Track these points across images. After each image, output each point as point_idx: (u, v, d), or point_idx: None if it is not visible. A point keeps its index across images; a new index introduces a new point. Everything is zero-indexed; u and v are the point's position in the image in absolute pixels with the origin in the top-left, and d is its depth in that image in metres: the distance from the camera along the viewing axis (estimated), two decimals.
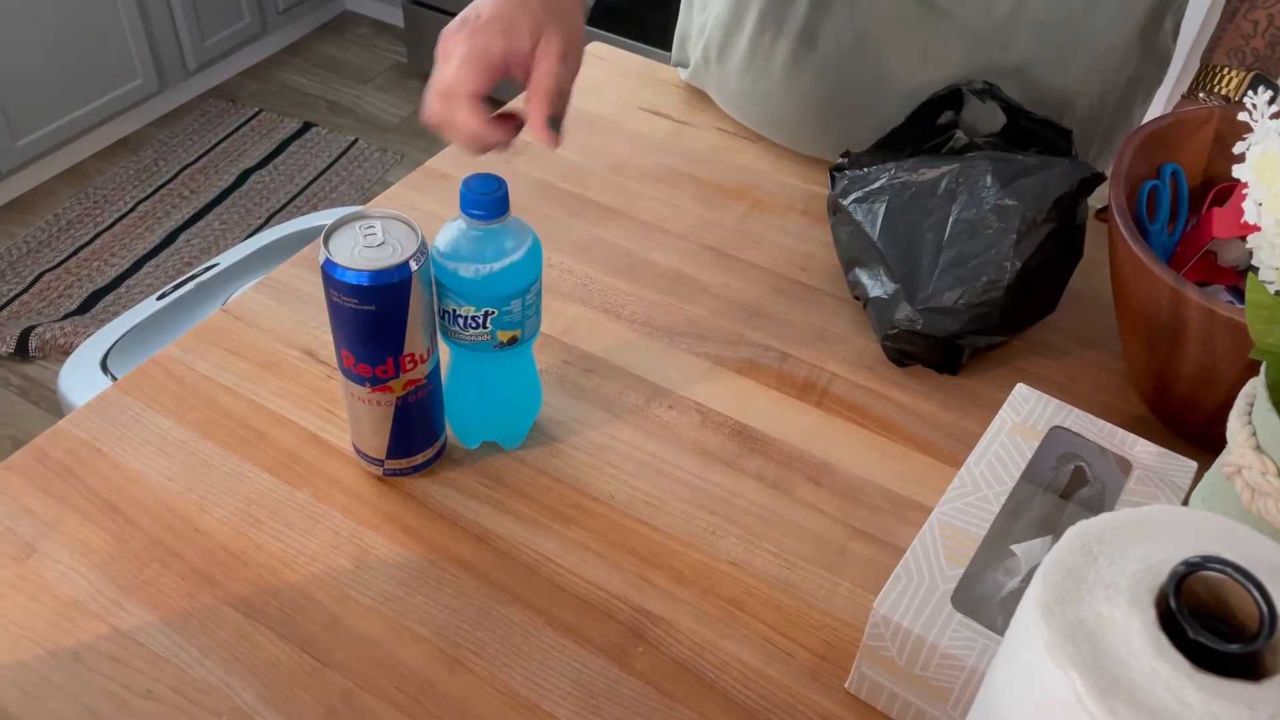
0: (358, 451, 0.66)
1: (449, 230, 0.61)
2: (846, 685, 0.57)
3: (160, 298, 1.03)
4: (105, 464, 0.66)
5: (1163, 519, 0.35)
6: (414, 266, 0.57)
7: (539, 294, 0.63)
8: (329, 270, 0.56)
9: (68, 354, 1.87)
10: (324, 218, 1.18)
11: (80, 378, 0.94)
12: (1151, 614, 0.31)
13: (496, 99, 0.65)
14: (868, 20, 0.83)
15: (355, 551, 0.63)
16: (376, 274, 0.56)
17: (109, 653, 0.57)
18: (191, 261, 2.12)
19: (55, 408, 1.81)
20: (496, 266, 0.59)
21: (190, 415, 0.69)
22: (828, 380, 0.75)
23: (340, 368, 0.61)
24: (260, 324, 0.76)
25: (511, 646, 0.58)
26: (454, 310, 0.61)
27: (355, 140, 2.45)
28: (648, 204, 0.90)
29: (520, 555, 0.63)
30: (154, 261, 2.11)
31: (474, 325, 0.61)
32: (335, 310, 0.58)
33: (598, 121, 0.99)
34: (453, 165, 0.93)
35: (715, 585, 0.62)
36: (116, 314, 1.98)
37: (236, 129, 2.47)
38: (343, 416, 0.70)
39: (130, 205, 2.24)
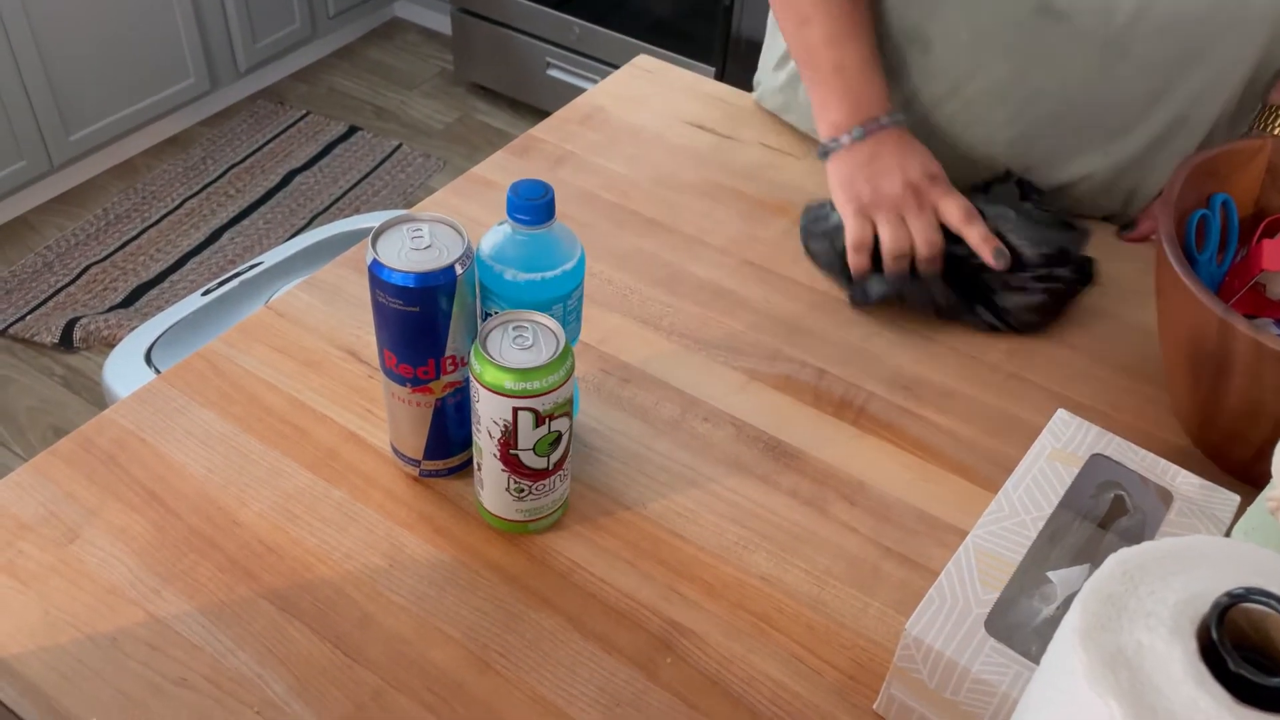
0: (395, 451, 0.67)
1: (494, 235, 0.61)
2: (875, 706, 0.57)
3: (205, 293, 1.04)
4: (148, 454, 0.67)
5: (1205, 550, 0.34)
6: (459, 270, 0.57)
7: (580, 301, 0.64)
8: (375, 270, 0.57)
9: (111, 346, 1.91)
10: (368, 220, 1.19)
11: (125, 369, 0.95)
12: (1193, 645, 0.31)
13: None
14: (986, 20, 0.82)
15: (389, 550, 0.63)
16: (422, 276, 0.56)
17: (145, 639, 0.58)
18: (235, 259, 2.14)
19: (97, 398, 1.84)
20: (540, 272, 0.60)
21: (233, 409, 0.70)
22: (865, 399, 0.75)
23: (382, 367, 0.62)
24: (305, 322, 0.77)
25: (540, 651, 0.59)
26: (494, 314, 0.61)
27: (399, 145, 2.47)
28: (690, 217, 0.90)
29: (552, 561, 0.63)
30: (198, 258, 2.14)
31: None
32: (380, 310, 0.59)
33: (642, 134, 0.99)
34: (498, 172, 0.93)
35: (745, 600, 0.62)
36: (160, 308, 2.02)
37: (283, 130, 2.50)
38: (382, 416, 0.71)
39: (177, 202, 2.28)
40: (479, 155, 2.44)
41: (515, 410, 0.56)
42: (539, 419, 0.57)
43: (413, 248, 0.58)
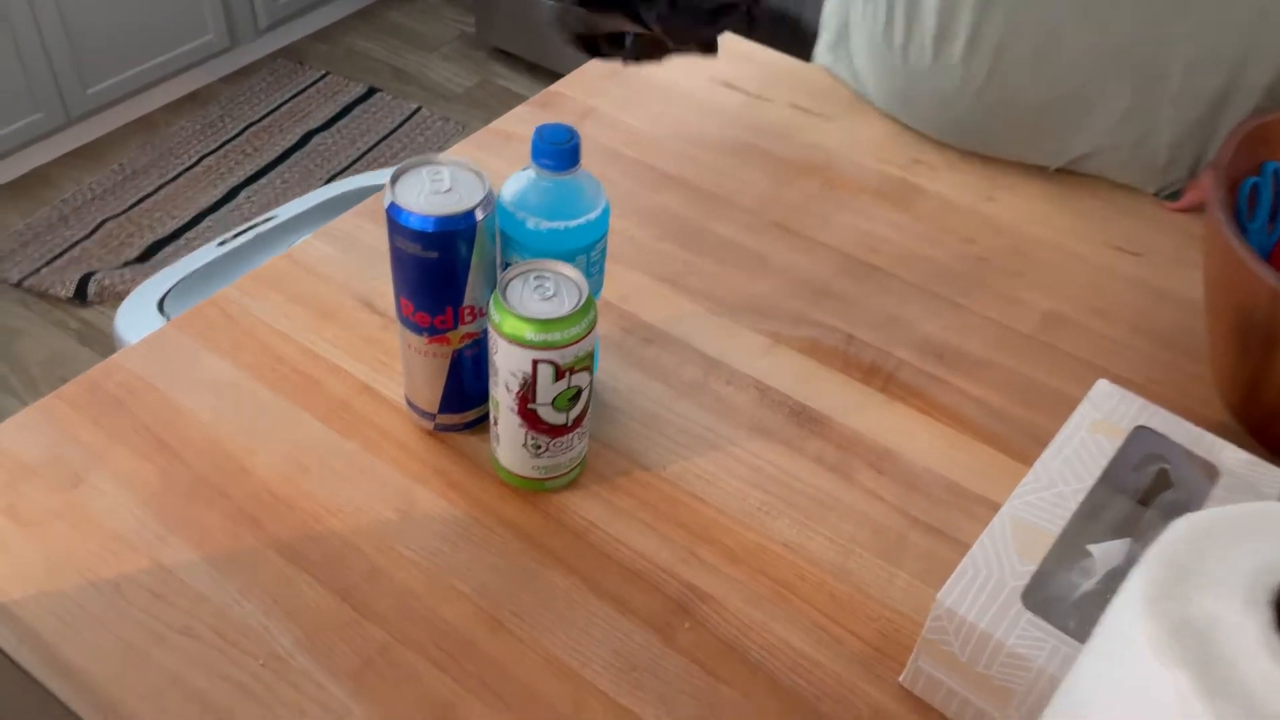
0: (409, 404, 0.65)
1: (517, 181, 0.59)
2: (900, 679, 0.55)
3: (221, 244, 1.02)
4: (157, 400, 0.66)
5: (1274, 515, 0.32)
6: (480, 215, 0.55)
7: (603, 254, 0.62)
8: (393, 214, 0.54)
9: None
10: (385, 175, 1.17)
11: (137, 318, 0.94)
12: (1268, 615, 0.28)
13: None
14: None
15: (401, 504, 0.61)
16: (441, 220, 0.54)
17: (149, 587, 0.56)
18: (251, 218, 2.13)
19: (111, 351, 1.83)
20: (564, 221, 0.58)
21: (244, 357, 0.69)
22: (894, 365, 0.73)
23: (398, 315, 0.60)
24: (320, 271, 0.75)
25: (554, 611, 0.57)
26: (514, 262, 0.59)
27: (419, 108, 2.45)
28: (716, 176, 0.88)
29: (567, 520, 0.61)
30: (214, 216, 2.13)
31: None
32: (397, 255, 0.56)
33: (670, 91, 0.97)
34: (520, 125, 0.91)
35: (767, 566, 0.60)
36: (174, 263, 2.00)
37: (302, 90, 2.48)
38: (397, 369, 0.69)
39: (195, 159, 2.26)
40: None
41: (535, 363, 0.54)
42: (559, 372, 0.55)
43: (433, 191, 0.55)
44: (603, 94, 0.96)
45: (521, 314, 0.53)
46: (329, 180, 2.22)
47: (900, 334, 0.75)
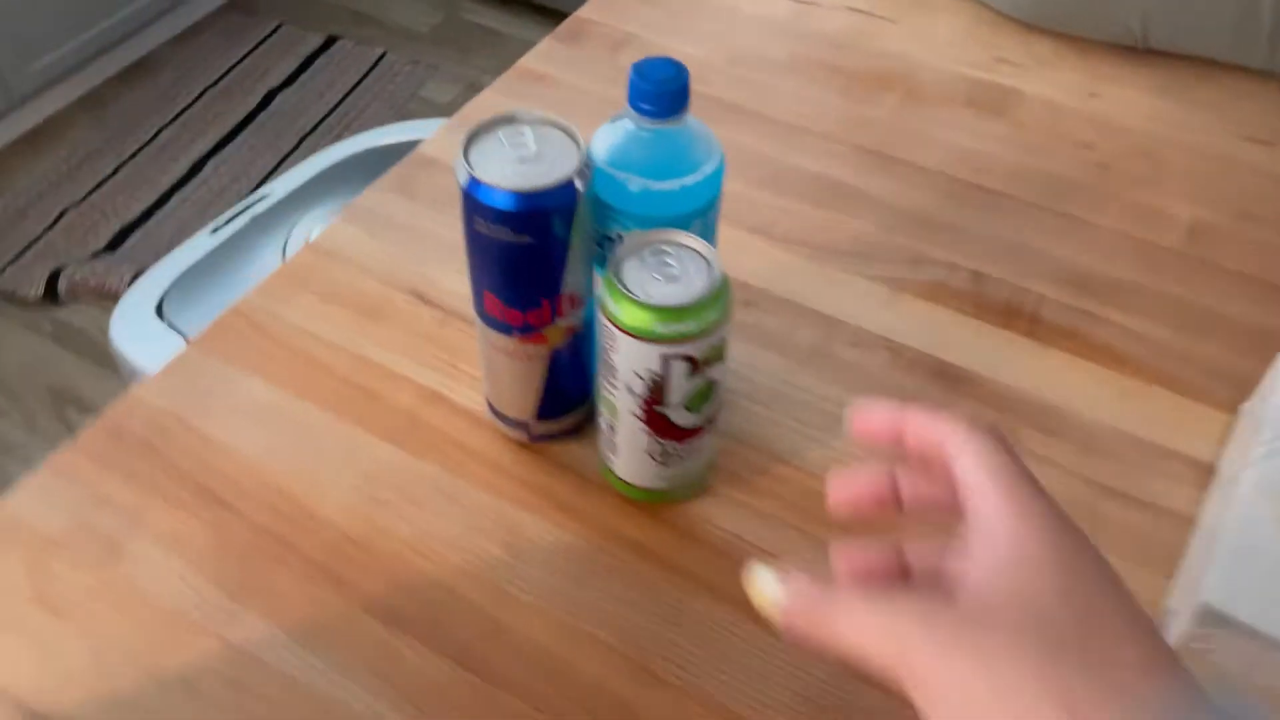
0: (494, 413, 0.54)
1: (609, 135, 0.48)
2: None
3: (214, 232, 0.91)
4: (192, 439, 0.55)
5: None
6: (579, 184, 0.44)
7: (717, 215, 0.51)
8: (474, 193, 0.44)
9: (101, 295, 1.76)
10: (382, 137, 1.05)
11: (135, 328, 0.82)
12: None
13: None
14: None
15: (505, 536, 0.51)
16: (535, 195, 0.43)
17: (224, 674, 0.47)
18: (222, 191, 1.99)
19: (91, 352, 1.70)
20: (677, 180, 0.47)
21: (285, 375, 0.58)
22: (1034, 303, 0.63)
23: (479, 315, 0.49)
24: (355, 261, 0.64)
25: (714, 650, 0.48)
26: (620, 236, 0.49)
27: (384, 54, 2.29)
28: (782, 101, 0.76)
29: (705, 534, 0.52)
30: (182, 193, 1.98)
31: None
32: (477, 243, 0.46)
33: (710, 6, 0.85)
34: (549, 64, 0.79)
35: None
36: (147, 249, 1.87)
37: (257, 45, 2.31)
38: (465, 368, 0.58)
39: (152, 133, 2.11)
40: (472, 59, 2.27)
41: (666, 359, 0.44)
42: (694, 367, 0.45)
43: (518, 159, 0.44)
44: (637, 17, 0.84)
45: (645, 301, 0.43)
46: (300, 141, 2.08)
47: (1031, 264, 0.65)
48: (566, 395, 0.53)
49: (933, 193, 0.70)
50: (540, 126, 0.46)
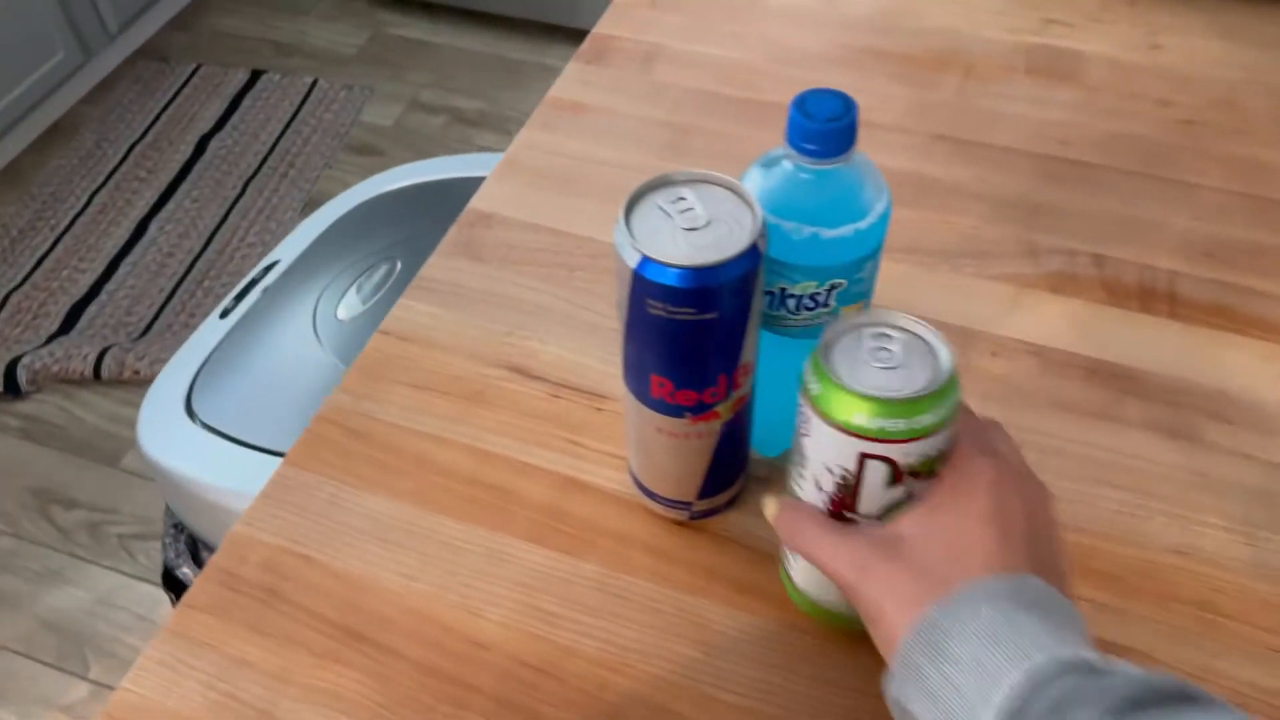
0: (646, 492, 0.49)
1: (765, 178, 0.43)
2: None
3: (224, 315, 0.84)
4: (319, 574, 0.49)
5: None
6: (761, 248, 0.39)
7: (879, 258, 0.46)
8: (647, 274, 0.38)
9: (65, 380, 1.66)
10: (384, 183, 0.97)
11: (166, 431, 0.75)
12: None
13: None
14: None
15: (693, 631, 0.47)
16: (718, 269, 0.38)
17: None
18: (172, 251, 1.89)
19: (68, 444, 1.60)
20: (852, 225, 0.42)
21: (402, 484, 0.52)
22: (1169, 280, 0.59)
23: (640, 399, 0.44)
24: (438, 342, 0.58)
25: None
26: (784, 290, 0.44)
27: (314, 82, 2.19)
28: None
29: None
30: (129, 259, 1.88)
31: (812, 305, 0.44)
32: (648, 326, 0.40)
33: (735, 3, 0.80)
34: (583, 90, 0.74)
35: (1170, 586, 0.47)
36: (105, 324, 1.77)
37: (178, 92, 2.20)
38: (594, 445, 0.53)
39: (84, 199, 1.99)
40: (408, 75, 2.18)
41: (863, 458, 0.39)
42: (896, 475, 0.39)
43: (686, 227, 0.39)
44: (659, 26, 0.78)
45: (857, 389, 0.37)
46: (245, 186, 1.98)
47: (1151, 238, 0.62)
48: (732, 469, 0.48)
49: (1024, 174, 0.66)
50: (699, 186, 0.40)
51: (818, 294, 0.44)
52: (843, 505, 0.40)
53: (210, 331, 0.84)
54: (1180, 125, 0.68)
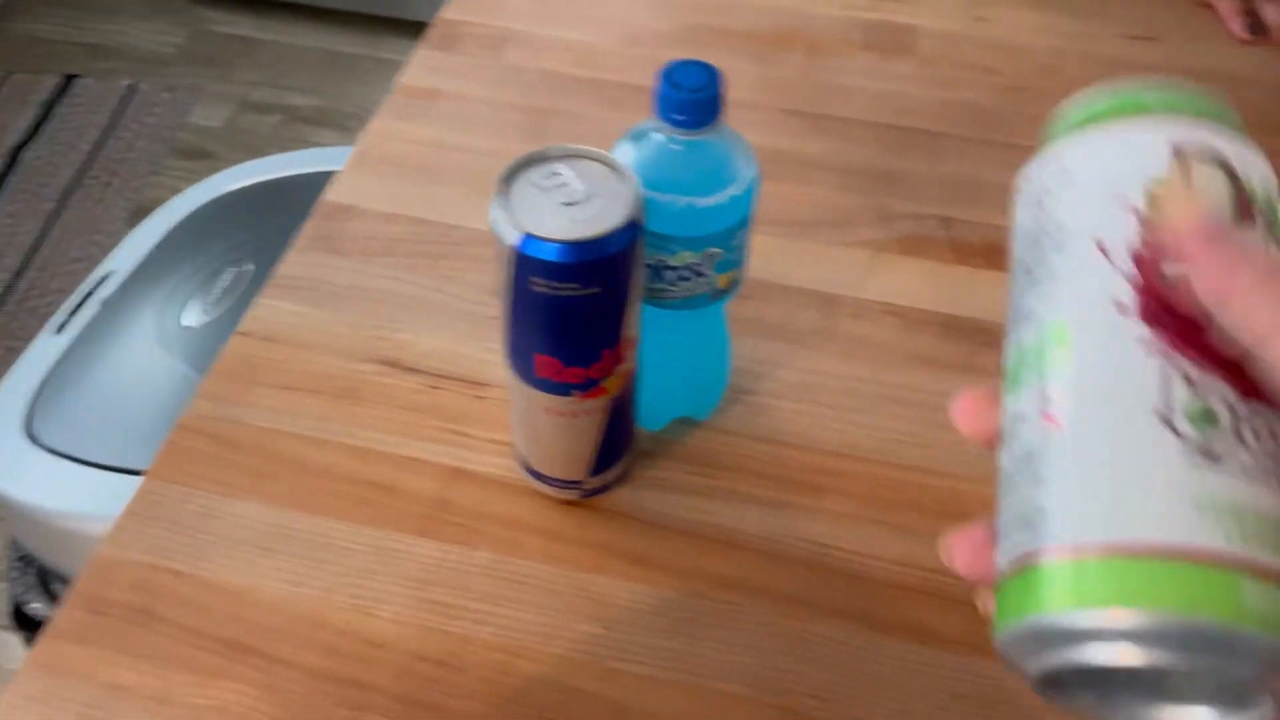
0: (537, 476, 0.49)
1: (637, 151, 0.43)
2: None
3: (59, 330, 0.78)
4: (194, 588, 0.47)
5: None
6: (641, 219, 0.40)
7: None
8: (530, 251, 0.38)
9: None
10: (221, 184, 0.92)
11: (6, 460, 0.70)
12: None
13: None
14: None
15: (591, 608, 0.47)
16: (600, 242, 0.38)
17: None
18: None
19: None
20: (726, 192, 0.43)
21: (278, 489, 0.50)
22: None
23: (526, 380, 0.44)
24: (304, 340, 0.56)
25: (852, 671, 0.45)
26: (662, 263, 0.44)
27: (134, 85, 2.07)
28: None
29: (791, 551, 0.49)
30: None
31: (691, 275, 0.45)
32: (532, 304, 0.40)
33: None
34: (435, 77, 0.72)
35: None
36: None
37: None
38: (477, 433, 0.53)
39: None
40: (236, 74, 2.09)
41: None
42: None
43: (565, 202, 0.39)
44: (508, 10, 0.78)
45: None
46: (66, 198, 1.86)
47: (991, 199, 0.65)
48: (621, 444, 0.48)
49: (870, 144, 0.68)
50: (574, 161, 0.40)
51: (695, 263, 0.44)
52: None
53: (44, 350, 0.79)
54: (1008, 92, 0.72)
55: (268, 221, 0.89)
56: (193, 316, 0.81)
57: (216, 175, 0.93)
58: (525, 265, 0.39)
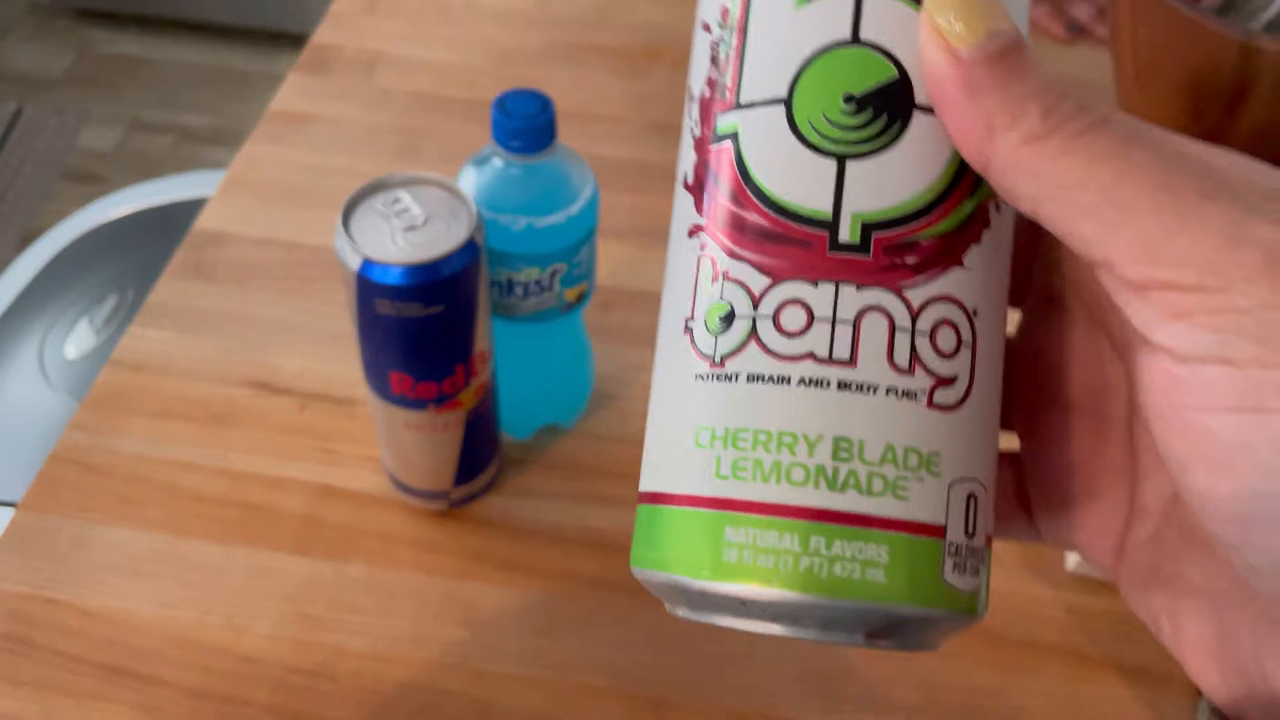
0: (403, 488, 0.51)
1: (479, 175, 0.45)
2: None
3: None
4: (71, 616, 0.48)
5: None
6: (479, 240, 0.42)
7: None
8: (370, 275, 0.40)
9: None
10: (108, 208, 0.92)
11: None
12: None
13: None
14: None
15: (461, 613, 0.49)
16: (439, 264, 0.40)
17: None
18: None
19: None
20: (564, 211, 0.45)
21: (151, 514, 0.51)
22: None
23: (383, 397, 0.46)
24: (175, 368, 0.57)
25: (711, 661, 0.48)
26: (510, 279, 0.46)
27: (20, 109, 2.03)
28: (563, 90, 0.75)
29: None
30: None
31: (538, 290, 0.47)
32: (378, 326, 0.42)
33: (450, 7, 0.81)
34: (305, 100, 0.73)
35: None
36: None
37: None
38: (347, 449, 0.54)
39: None
40: (126, 95, 2.06)
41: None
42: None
43: (406, 227, 0.41)
44: (378, 33, 0.79)
45: None
46: None
47: None
48: (483, 453, 0.50)
49: None
50: (414, 187, 0.42)
51: (541, 279, 0.46)
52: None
53: None
54: None
55: (152, 248, 0.89)
56: (75, 347, 0.81)
57: (100, 201, 0.93)
58: (368, 289, 0.40)
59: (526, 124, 0.43)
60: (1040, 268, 0.25)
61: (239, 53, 2.14)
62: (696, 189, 0.22)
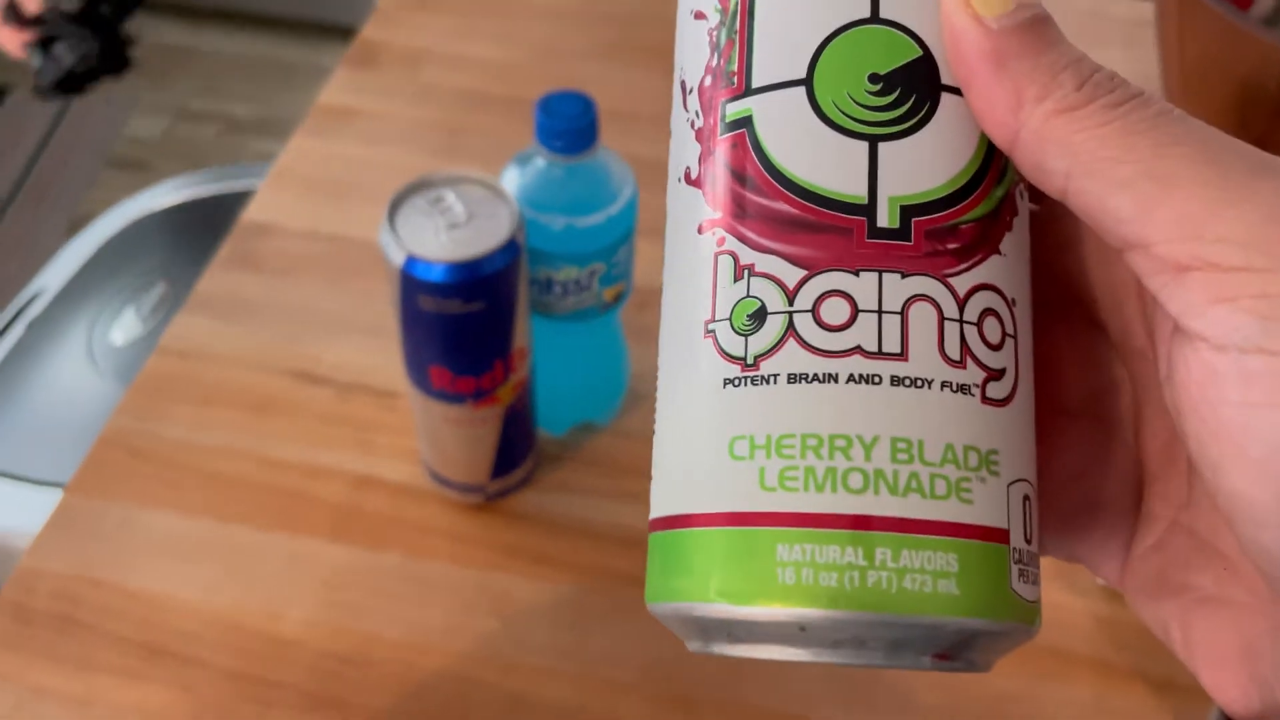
0: (440, 481, 0.52)
1: (522, 175, 0.46)
2: None
3: None
4: (116, 597, 0.49)
5: None
6: (520, 239, 0.42)
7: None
8: (413, 271, 0.41)
9: None
10: (144, 203, 0.94)
11: None
12: None
13: None
14: None
15: (493, 605, 0.50)
16: (481, 262, 0.41)
17: None
18: None
19: None
20: (604, 212, 0.46)
21: (194, 499, 0.53)
22: None
23: (423, 390, 0.46)
24: (220, 355, 0.59)
25: (739, 660, 0.48)
26: (549, 277, 0.47)
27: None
28: (611, 90, 0.75)
29: None
30: None
31: (576, 289, 0.48)
32: (421, 320, 0.43)
33: (498, 3, 0.82)
34: (353, 95, 0.75)
35: None
36: None
37: None
38: (386, 441, 0.55)
39: None
40: (174, 84, 2.09)
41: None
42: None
43: (449, 225, 0.42)
44: (426, 29, 0.80)
45: None
46: (0, 214, 1.85)
47: None
48: (520, 448, 0.51)
49: None
50: (458, 185, 0.43)
51: (580, 278, 0.47)
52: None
53: None
54: None
55: (198, 238, 0.91)
56: (122, 334, 0.82)
57: (148, 190, 0.95)
58: (411, 285, 0.41)
59: (569, 125, 0.44)
60: (1036, 270, 0.24)
61: (285, 44, 2.17)
62: (703, 182, 0.20)
